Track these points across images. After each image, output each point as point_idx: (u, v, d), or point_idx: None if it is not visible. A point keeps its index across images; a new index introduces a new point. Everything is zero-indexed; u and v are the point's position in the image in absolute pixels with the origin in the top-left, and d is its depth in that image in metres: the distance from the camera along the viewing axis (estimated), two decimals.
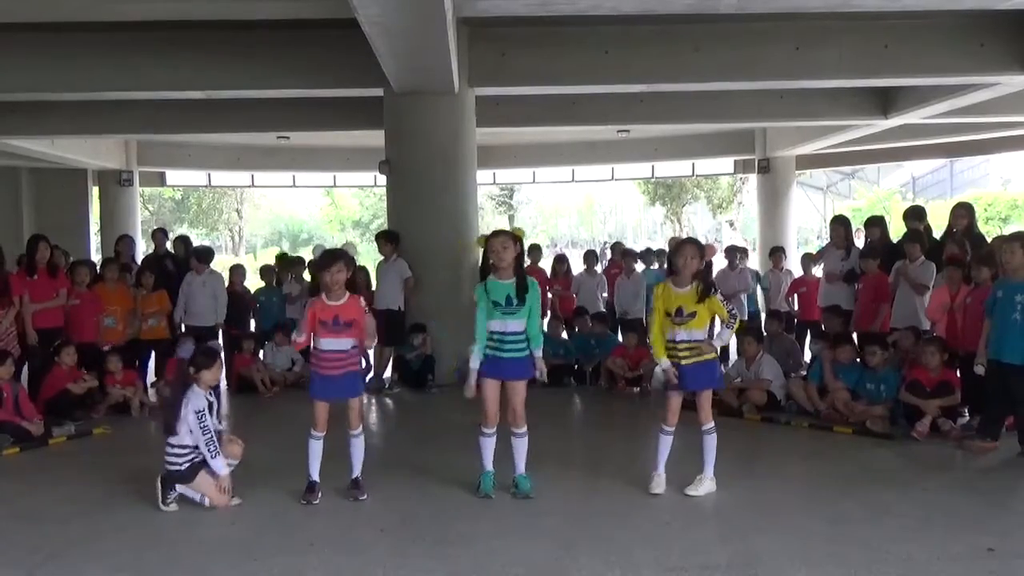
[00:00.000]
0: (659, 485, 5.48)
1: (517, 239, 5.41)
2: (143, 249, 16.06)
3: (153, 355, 9.74)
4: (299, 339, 5.55)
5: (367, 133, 12.58)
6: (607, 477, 5.84)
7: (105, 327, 8.93)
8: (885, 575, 4.20)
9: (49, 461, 6.80)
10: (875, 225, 9.32)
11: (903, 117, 12.95)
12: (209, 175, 21.03)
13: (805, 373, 8.47)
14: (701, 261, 5.43)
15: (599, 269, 12.05)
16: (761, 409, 7.91)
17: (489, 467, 5.53)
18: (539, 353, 5.45)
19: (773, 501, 5.38)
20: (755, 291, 11.52)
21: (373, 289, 9.80)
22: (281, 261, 11.45)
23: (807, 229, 35.95)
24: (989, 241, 8.24)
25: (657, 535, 4.82)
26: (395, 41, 7.64)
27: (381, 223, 40.23)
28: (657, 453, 5.55)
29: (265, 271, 11.22)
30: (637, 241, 47.62)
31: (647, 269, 11.74)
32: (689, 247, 5.45)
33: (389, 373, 10.02)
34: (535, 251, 12.15)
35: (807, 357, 9.41)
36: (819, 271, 9.94)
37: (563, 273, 11.64)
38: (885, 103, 12.85)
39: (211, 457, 5.32)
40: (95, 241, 18.32)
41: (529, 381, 5.49)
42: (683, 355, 5.41)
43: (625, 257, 11.33)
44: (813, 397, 7.79)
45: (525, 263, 5.73)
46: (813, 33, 9.62)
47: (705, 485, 5.50)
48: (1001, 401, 6.50)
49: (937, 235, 8.89)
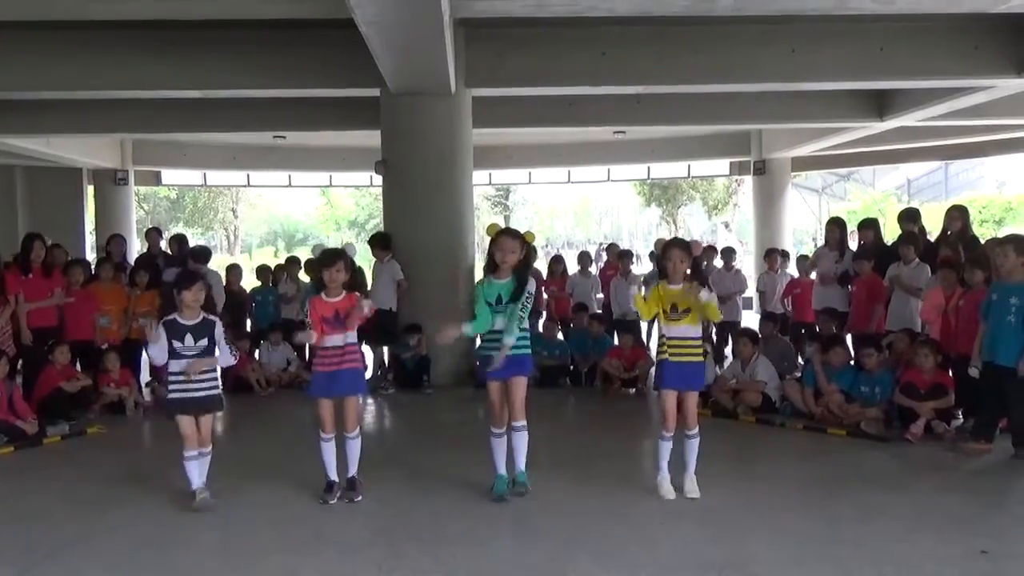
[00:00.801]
0: (669, 491, 5.45)
1: (526, 243, 5.43)
2: (137, 248, 16.03)
3: (145, 354, 9.71)
4: (311, 339, 5.49)
5: (363, 133, 12.58)
6: (603, 478, 5.84)
7: (100, 326, 8.92)
8: None
9: (43, 460, 6.78)
10: (868, 227, 9.34)
11: (899, 119, 12.98)
12: (205, 174, 21.00)
13: (800, 375, 8.48)
14: (689, 260, 5.46)
15: (593, 270, 12.06)
16: (756, 411, 7.92)
17: (501, 470, 5.51)
18: (509, 341, 5.34)
19: (768, 502, 5.39)
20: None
21: (368, 290, 9.79)
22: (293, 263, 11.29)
23: (802, 231, 36.02)
24: (983, 244, 8.26)
25: (653, 536, 4.83)
26: (392, 41, 7.64)
27: (377, 223, 40.27)
28: (660, 458, 5.54)
29: (261, 271, 11.21)
30: (633, 242, 47.67)
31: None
32: (676, 250, 5.46)
33: (382, 372, 10.03)
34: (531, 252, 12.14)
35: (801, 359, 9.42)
36: (814, 273, 9.94)
37: (559, 274, 11.65)
38: (881, 105, 12.89)
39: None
40: (90, 240, 18.28)
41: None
42: (676, 351, 5.43)
43: (621, 258, 11.34)
44: (808, 399, 7.80)
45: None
46: (809, 35, 9.64)
47: (695, 483, 5.50)
48: (995, 403, 6.52)
49: (932, 237, 8.92)
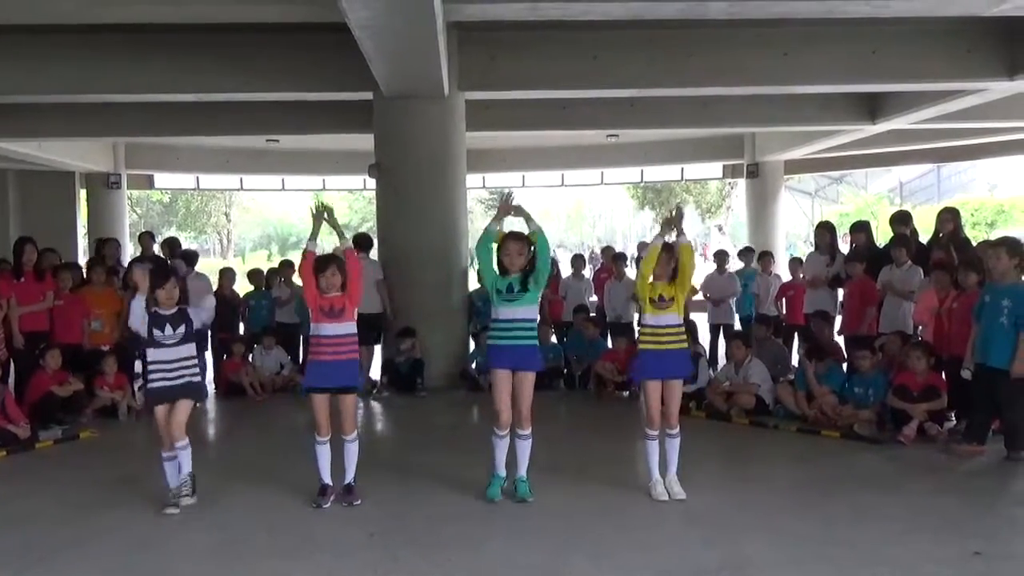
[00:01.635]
0: (662, 493, 5.45)
1: (531, 244, 5.45)
2: (130, 252, 15.99)
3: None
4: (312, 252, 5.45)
5: (357, 136, 12.58)
6: (598, 480, 5.83)
7: (91, 330, 8.89)
8: None
9: (36, 465, 6.75)
10: (860, 230, 9.36)
11: (891, 122, 13.04)
12: (198, 178, 20.96)
13: (793, 377, 8.50)
14: (674, 261, 5.50)
15: (588, 273, 12.06)
16: (749, 413, 7.94)
17: (501, 471, 5.51)
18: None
19: (762, 504, 5.39)
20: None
21: None
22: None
23: (795, 234, 36.09)
24: (975, 246, 8.28)
25: (648, 538, 4.83)
26: (385, 45, 7.64)
27: (370, 227, 40.23)
28: (648, 462, 5.55)
29: (254, 275, 11.17)
30: (627, 245, 47.69)
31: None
32: (663, 254, 5.51)
33: (378, 376, 10.02)
34: None
35: (795, 361, 9.43)
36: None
37: (552, 277, 11.63)
38: (873, 108, 12.94)
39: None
40: (83, 244, 18.23)
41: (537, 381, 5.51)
42: (662, 339, 5.47)
43: (615, 261, 11.34)
44: (801, 401, 7.82)
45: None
46: (802, 39, 9.68)
47: (679, 484, 5.50)
48: (988, 405, 6.55)
49: (923, 240, 8.94)
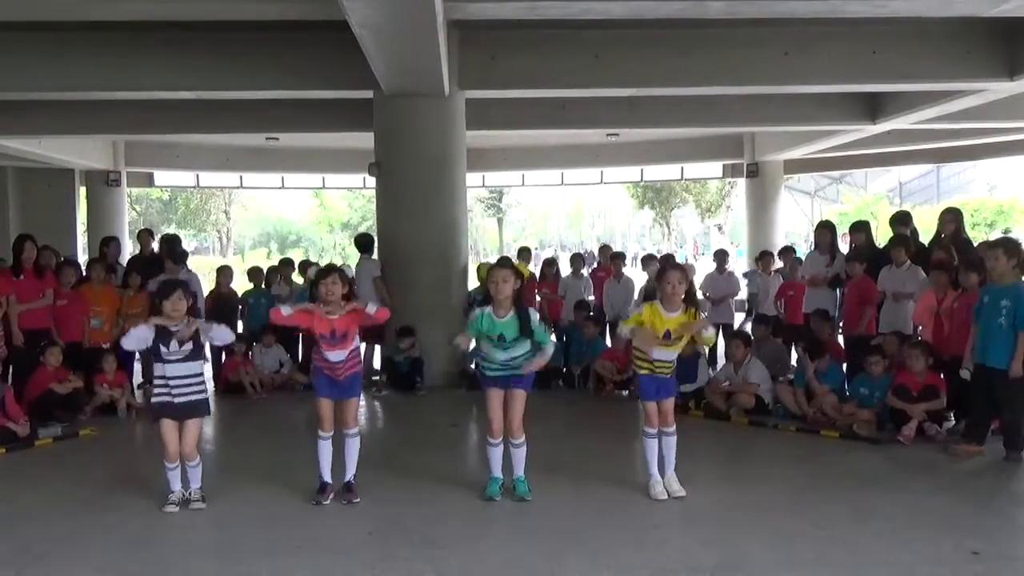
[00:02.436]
0: (661, 492, 5.46)
1: (519, 274, 5.39)
2: (130, 250, 15.99)
3: (138, 355, 9.67)
4: (283, 312, 5.48)
5: (356, 135, 12.56)
6: (595, 480, 5.84)
7: (91, 328, 8.89)
8: None
9: (35, 462, 6.75)
10: (860, 230, 9.36)
11: (891, 122, 13.03)
12: (197, 176, 20.95)
13: (792, 377, 8.50)
14: (687, 283, 5.41)
15: (585, 272, 12.06)
16: (749, 412, 7.94)
17: (497, 473, 5.55)
18: (540, 360, 5.46)
19: (761, 504, 5.40)
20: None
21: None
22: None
23: (795, 233, 36.13)
24: (975, 246, 8.29)
25: (645, 537, 4.83)
26: (385, 43, 7.63)
27: (370, 225, 40.21)
28: (648, 458, 5.57)
29: (254, 273, 11.17)
30: (626, 245, 47.77)
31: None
32: (674, 273, 5.40)
33: (378, 376, 10.03)
34: (524, 254, 12.16)
35: (794, 360, 9.43)
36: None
37: (552, 276, 11.65)
38: (873, 108, 12.93)
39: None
40: (82, 241, 18.22)
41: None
42: (657, 369, 5.49)
43: (615, 260, 11.34)
44: (800, 401, 7.83)
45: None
46: (802, 38, 9.67)
47: (676, 481, 5.52)
48: (987, 405, 6.55)
49: (924, 240, 8.95)
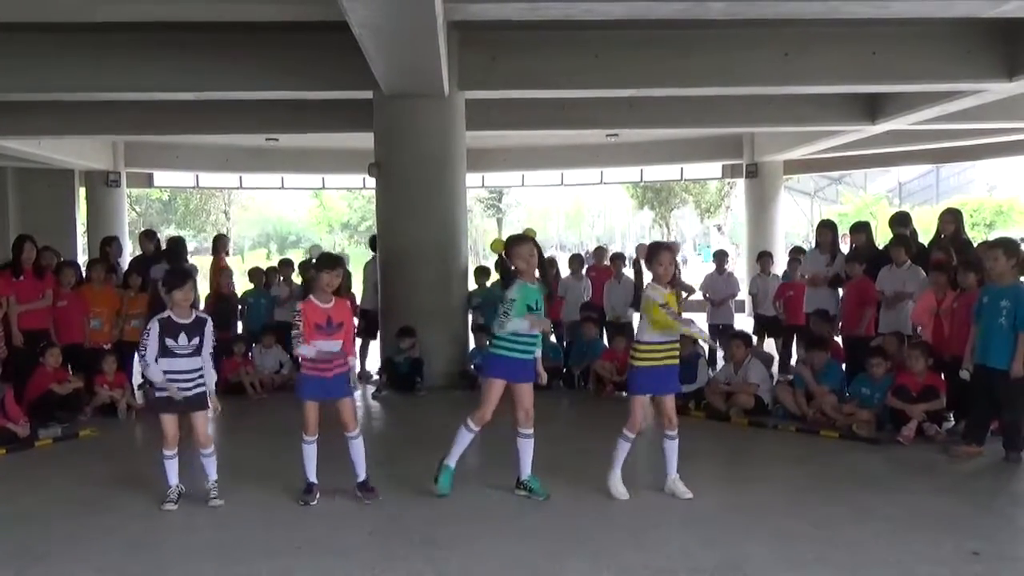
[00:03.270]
0: (622, 492, 5.49)
1: (536, 243, 5.47)
2: (130, 251, 15.99)
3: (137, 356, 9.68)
4: (305, 352, 5.38)
5: (356, 135, 12.56)
6: (595, 480, 5.82)
7: (91, 329, 8.89)
8: None
9: (35, 463, 6.76)
10: (860, 231, 9.36)
11: (890, 123, 13.03)
12: (197, 176, 20.96)
13: (792, 377, 8.51)
14: (674, 264, 5.50)
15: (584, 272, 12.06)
16: (749, 413, 7.94)
17: (452, 463, 5.57)
18: (539, 354, 5.51)
19: (761, 504, 5.40)
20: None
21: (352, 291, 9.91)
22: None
23: (794, 234, 36.14)
24: (975, 247, 8.29)
25: (645, 538, 4.84)
26: (385, 44, 7.63)
27: (369, 225, 40.22)
28: (615, 454, 5.56)
29: (254, 273, 11.18)
30: (626, 245, 47.72)
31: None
32: (665, 254, 5.48)
33: (376, 376, 10.04)
34: None
35: (793, 361, 9.44)
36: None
37: (552, 277, 11.62)
38: (873, 109, 12.93)
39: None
40: (82, 242, 18.22)
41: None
42: (660, 356, 5.46)
43: (614, 261, 11.34)
44: (800, 402, 7.83)
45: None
46: (802, 39, 9.67)
47: (682, 484, 5.53)
48: (987, 406, 6.56)
49: (923, 240, 8.95)
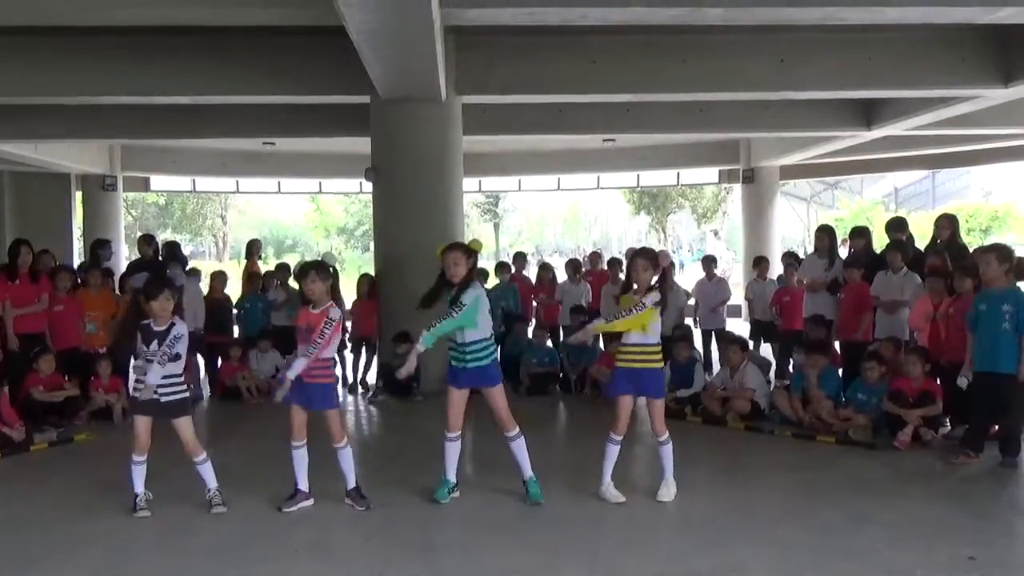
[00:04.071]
0: (616, 496, 5.51)
1: (472, 253, 5.47)
2: (125, 255, 15.98)
3: (132, 361, 9.65)
4: (299, 366, 5.34)
5: (353, 140, 12.58)
6: (591, 484, 5.81)
7: (86, 333, 8.87)
8: None
9: (31, 467, 6.75)
10: (860, 236, 9.37)
11: (886, 129, 13.07)
12: (194, 180, 20.97)
13: (788, 383, 8.51)
14: (655, 270, 5.48)
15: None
16: (745, 418, 7.95)
17: (451, 477, 5.58)
18: (420, 348, 5.35)
19: (757, 510, 5.40)
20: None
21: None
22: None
23: (791, 239, 36.18)
24: (971, 252, 8.30)
25: (641, 543, 4.84)
26: (382, 49, 7.64)
27: (366, 230, 40.19)
28: (604, 462, 5.57)
29: (251, 278, 11.16)
30: (622, 250, 47.74)
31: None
32: (640, 260, 5.49)
33: (374, 380, 10.04)
34: (520, 259, 12.17)
35: (791, 367, 9.44)
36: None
37: (548, 281, 11.65)
38: (868, 115, 12.98)
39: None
40: (78, 246, 18.19)
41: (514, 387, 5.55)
42: (631, 358, 5.48)
43: (611, 266, 11.34)
44: (796, 406, 7.83)
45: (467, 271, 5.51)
46: (798, 45, 9.71)
47: (671, 489, 5.55)
48: (986, 414, 6.55)
49: (919, 246, 8.97)
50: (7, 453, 6.94)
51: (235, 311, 10.73)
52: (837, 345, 8.87)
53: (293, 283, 10.59)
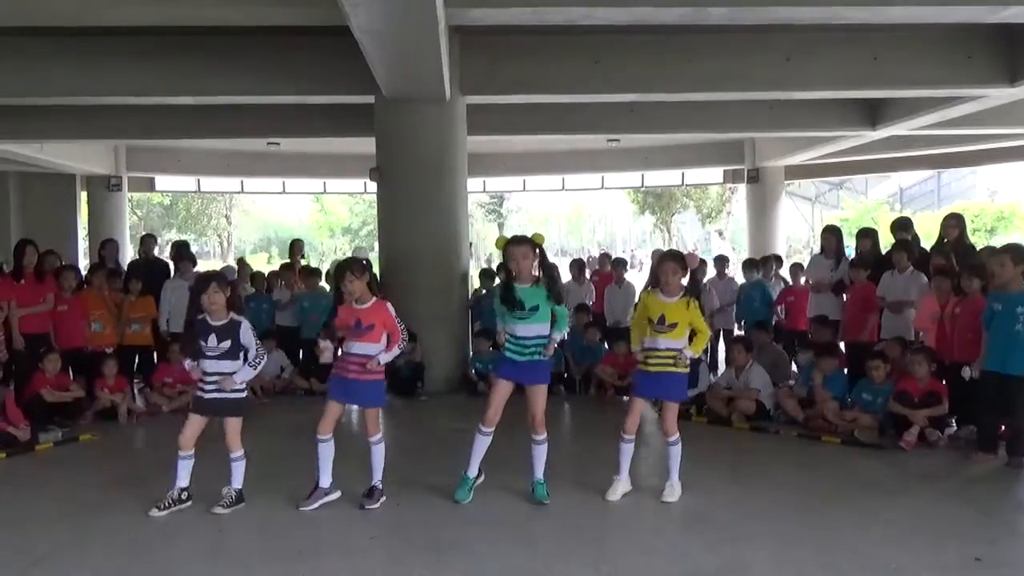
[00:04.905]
0: (615, 492, 5.53)
1: (536, 246, 5.38)
2: (130, 254, 16.00)
3: (137, 360, 9.67)
4: (326, 358, 5.42)
5: (357, 140, 12.57)
6: (598, 484, 5.81)
7: (92, 332, 8.88)
8: None
9: (36, 467, 6.74)
10: (866, 237, 9.33)
11: (891, 128, 13.04)
12: (199, 181, 21.01)
13: (793, 383, 8.49)
14: (684, 273, 5.47)
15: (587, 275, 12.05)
16: (750, 418, 7.93)
17: (472, 471, 5.54)
18: (557, 336, 5.47)
19: (762, 509, 5.39)
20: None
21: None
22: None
23: (796, 239, 36.13)
24: (978, 252, 8.27)
25: (647, 542, 4.83)
26: (387, 48, 7.64)
27: (371, 230, 40.24)
28: (619, 460, 5.58)
29: (256, 278, 11.17)
30: (626, 250, 47.75)
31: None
32: (670, 263, 5.46)
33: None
34: None
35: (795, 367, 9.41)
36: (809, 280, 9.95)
37: None
38: (873, 115, 12.95)
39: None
40: (83, 246, 18.24)
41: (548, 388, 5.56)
42: (657, 363, 5.46)
43: (616, 266, 11.33)
44: (798, 409, 7.81)
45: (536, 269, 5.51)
46: (803, 45, 9.69)
47: (676, 490, 5.54)
48: (995, 413, 6.52)
49: (925, 245, 8.94)
50: (12, 453, 6.94)
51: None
52: (842, 345, 8.86)
53: (299, 284, 10.64)
